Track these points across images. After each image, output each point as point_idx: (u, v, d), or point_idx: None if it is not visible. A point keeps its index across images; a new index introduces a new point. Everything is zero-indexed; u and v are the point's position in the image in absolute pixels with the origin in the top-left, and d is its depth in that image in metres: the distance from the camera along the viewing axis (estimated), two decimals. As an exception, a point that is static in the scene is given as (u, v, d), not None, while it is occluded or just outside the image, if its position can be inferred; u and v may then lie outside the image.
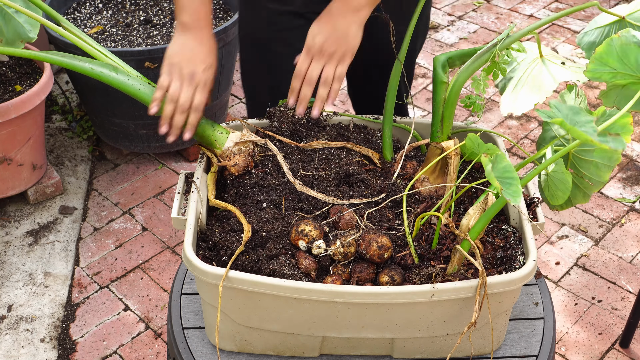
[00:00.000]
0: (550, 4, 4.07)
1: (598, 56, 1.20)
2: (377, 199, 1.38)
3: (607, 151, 1.29)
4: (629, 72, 1.19)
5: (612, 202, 2.78)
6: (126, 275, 2.49)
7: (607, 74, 1.20)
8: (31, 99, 2.48)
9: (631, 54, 1.18)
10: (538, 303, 1.46)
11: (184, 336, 1.38)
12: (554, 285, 2.45)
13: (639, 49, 1.18)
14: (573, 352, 2.23)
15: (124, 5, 3.06)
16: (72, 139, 3.07)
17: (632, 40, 1.18)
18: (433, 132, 1.47)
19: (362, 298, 1.18)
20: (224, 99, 3.00)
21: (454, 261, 1.24)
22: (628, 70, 1.19)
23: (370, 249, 1.24)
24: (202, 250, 1.30)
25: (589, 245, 2.60)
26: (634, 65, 1.18)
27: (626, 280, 2.45)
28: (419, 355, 1.32)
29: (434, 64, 1.44)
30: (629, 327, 2.19)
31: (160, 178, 2.91)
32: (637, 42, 1.18)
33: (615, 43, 1.18)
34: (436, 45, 3.74)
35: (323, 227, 1.29)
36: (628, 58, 1.18)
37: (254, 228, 1.30)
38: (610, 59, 1.19)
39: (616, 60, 1.19)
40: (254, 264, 1.24)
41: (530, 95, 1.38)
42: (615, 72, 1.20)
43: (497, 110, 3.28)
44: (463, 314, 1.23)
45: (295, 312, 1.22)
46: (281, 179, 1.40)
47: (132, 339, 2.28)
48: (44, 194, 2.75)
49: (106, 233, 2.65)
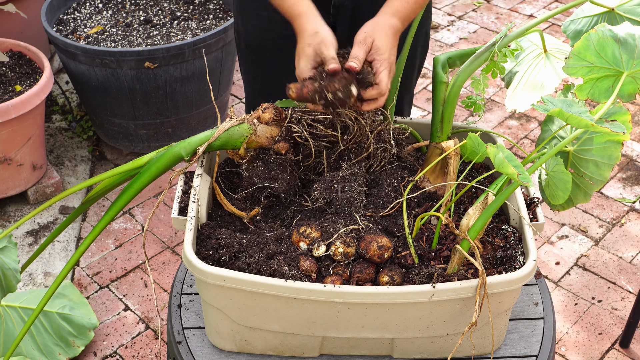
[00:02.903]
0: (550, 4, 4.07)
1: (576, 51, 1.23)
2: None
3: (607, 149, 1.30)
4: (606, 66, 1.22)
5: (612, 202, 2.78)
6: (126, 275, 2.49)
7: (583, 69, 1.23)
8: (31, 99, 2.48)
9: (608, 48, 1.21)
10: (538, 303, 1.46)
11: (184, 336, 1.38)
12: (554, 285, 2.45)
13: (615, 43, 1.21)
14: (573, 352, 2.23)
15: (124, 5, 3.06)
16: (72, 139, 3.07)
17: (609, 34, 1.21)
18: (433, 132, 1.47)
19: (362, 298, 1.18)
20: (224, 99, 3.00)
21: (454, 261, 1.24)
22: (605, 63, 1.22)
23: (371, 249, 1.24)
24: (202, 250, 1.30)
25: (589, 245, 2.60)
26: (611, 59, 1.21)
27: (626, 280, 2.45)
28: (419, 355, 1.32)
29: (434, 64, 1.44)
30: (629, 327, 2.19)
31: (161, 178, 2.91)
32: (613, 36, 1.21)
33: (593, 38, 1.21)
34: (436, 45, 3.74)
35: (324, 228, 1.28)
36: (605, 52, 1.21)
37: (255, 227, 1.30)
38: (588, 53, 1.22)
39: (593, 55, 1.22)
40: (255, 265, 1.24)
41: (533, 92, 1.39)
42: (592, 66, 1.22)
43: (497, 110, 3.28)
44: (463, 314, 1.23)
45: (296, 312, 1.22)
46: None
47: (132, 339, 2.28)
48: (44, 194, 2.75)
49: (106, 233, 2.65)
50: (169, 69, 2.64)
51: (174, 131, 2.88)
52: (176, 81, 2.70)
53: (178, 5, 3.05)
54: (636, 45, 1.20)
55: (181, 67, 2.66)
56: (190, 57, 2.65)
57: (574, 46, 1.22)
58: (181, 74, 2.68)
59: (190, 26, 2.89)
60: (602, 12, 1.41)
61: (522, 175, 1.12)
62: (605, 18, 1.40)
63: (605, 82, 1.23)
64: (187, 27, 2.88)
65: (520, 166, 1.15)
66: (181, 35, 2.82)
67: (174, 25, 2.90)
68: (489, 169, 1.53)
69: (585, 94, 1.24)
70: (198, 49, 2.64)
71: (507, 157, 1.15)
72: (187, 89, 2.75)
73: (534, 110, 3.25)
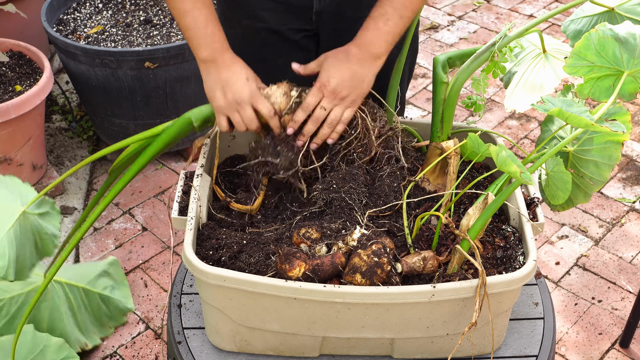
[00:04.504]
0: (551, 4, 4.07)
1: (577, 51, 1.23)
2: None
3: (607, 149, 1.30)
4: (607, 65, 1.22)
5: (612, 202, 2.78)
6: (126, 275, 2.49)
7: (584, 68, 1.23)
8: (31, 99, 2.48)
9: (609, 48, 1.21)
10: (538, 303, 1.46)
11: (184, 336, 1.38)
12: (554, 285, 2.45)
13: (616, 43, 1.21)
14: (573, 352, 2.23)
15: (124, 5, 3.06)
16: (72, 139, 3.07)
17: (609, 34, 1.21)
18: (433, 132, 1.47)
19: (362, 298, 1.18)
20: (224, 99, 3.00)
21: (453, 261, 1.24)
22: (605, 63, 1.22)
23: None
24: (202, 250, 1.30)
25: (589, 245, 2.60)
26: (612, 58, 1.21)
27: (626, 280, 2.45)
28: (419, 356, 1.32)
29: (434, 64, 1.44)
30: (629, 327, 2.19)
31: (160, 178, 2.91)
32: (614, 35, 1.21)
33: (593, 37, 1.22)
34: (436, 45, 3.74)
35: (324, 229, 1.28)
36: (606, 51, 1.21)
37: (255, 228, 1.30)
38: (589, 53, 1.22)
39: (594, 54, 1.22)
40: (255, 265, 1.24)
41: (533, 93, 1.40)
42: (592, 65, 1.23)
43: (497, 111, 3.28)
44: (463, 314, 1.23)
45: (296, 312, 1.22)
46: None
47: (132, 339, 2.28)
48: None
49: (106, 233, 2.65)
50: (169, 69, 2.64)
51: (174, 131, 2.88)
52: (176, 81, 2.70)
53: (178, 5, 3.05)
54: (637, 44, 1.20)
55: (181, 67, 2.66)
56: (190, 57, 2.65)
57: (574, 46, 1.23)
58: (181, 74, 2.68)
59: (190, 26, 2.90)
60: (602, 11, 1.41)
61: (524, 174, 1.12)
62: (606, 17, 1.40)
63: (606, 82, 1.23)
64: (187, 27, 2.89)
65: (522, 165, 1.15)
66: (181, 35, 2.82)
67: (174, 25, 2.90)
68: (489, 169, 1.53)
69: (586, 93, 1.25)
70: (198, 49, 2.64)
71: (509, 156, 1.16)
72: (187, 89, 2.75)
73: (534, 110, 3.25)
